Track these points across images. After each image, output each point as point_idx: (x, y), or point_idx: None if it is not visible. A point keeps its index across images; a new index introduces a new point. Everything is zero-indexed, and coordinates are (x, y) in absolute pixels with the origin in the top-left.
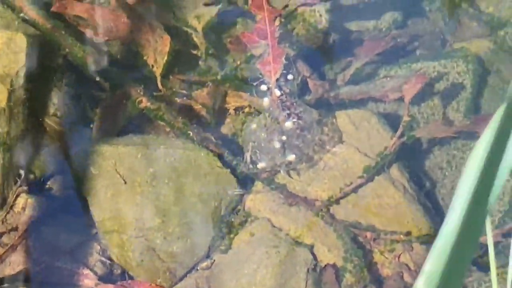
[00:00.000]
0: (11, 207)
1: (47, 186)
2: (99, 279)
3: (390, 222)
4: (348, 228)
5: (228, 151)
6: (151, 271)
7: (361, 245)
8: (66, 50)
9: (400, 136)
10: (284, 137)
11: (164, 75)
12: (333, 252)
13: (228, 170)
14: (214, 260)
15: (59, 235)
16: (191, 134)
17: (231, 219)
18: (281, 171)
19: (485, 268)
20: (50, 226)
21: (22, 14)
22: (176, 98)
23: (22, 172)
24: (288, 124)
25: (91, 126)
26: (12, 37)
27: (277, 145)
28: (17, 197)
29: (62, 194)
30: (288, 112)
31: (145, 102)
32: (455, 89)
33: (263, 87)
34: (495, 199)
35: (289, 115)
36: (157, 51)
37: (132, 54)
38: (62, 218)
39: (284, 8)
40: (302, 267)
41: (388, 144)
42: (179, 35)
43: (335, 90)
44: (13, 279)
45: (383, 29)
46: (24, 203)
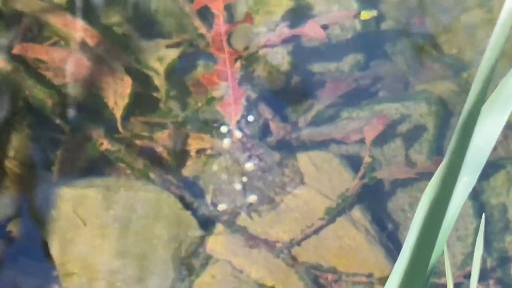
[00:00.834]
0: None
1: (6, 229)
2: None
3: (352, 264)
4: (309, 270)
5: (189, 193)
6: None
7: (322, 287)
8: (26, 92)
9: (362, 178)
10: (245, 179)
11: (125, 117)
12: None
13: (189, 212)
14: None
15: (19, 278)
16: (152, 176)
17: (191, 261)
18: (242, 213)
19: None
20: (10, 269)
21: None
22: (137, 140)
23: None
24: (249, 166)
25: (52, 168)
26: None
27: (238, 186)
28: None
29: (22, 237)
30: (249, 153)
31: (105, 145)
32: (417, 130)
33: (224, 129)
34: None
35: (250, 156)
36: (117, 93)
37: (92, 97)
38: (22, 261)
39: (245, 50)
40: None
41: (349, 186)
42: (140, 77)
43: (297, 132)
44: None
45: (345, 70)
46: None
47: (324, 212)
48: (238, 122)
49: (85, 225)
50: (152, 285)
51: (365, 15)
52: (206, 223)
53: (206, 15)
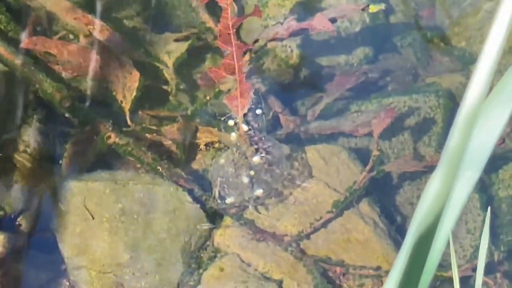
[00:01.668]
0: None
1: (16, 223)
2: None
3: (360, 257)
4: (317, 263)
5: (198, 187)
6: None
7: (330, 280)
8: (36, 86)
9: (370, 171)
10: (252, 172)
11: (133, 111)
12: (303, 287)
13: (198, 205)
14: None
15: (28, 272)
16: (160, 169)
17: (200, 255)
18: (250, 206)
19: None
20: (19, 263)
21: None
22: (146, 134)
23: None
24: (256, 159)
25: (60, 162)
26: None
27: (245, 180)
28: None
29: (31, 230)
30: (256, 147)
31: (113, 138)
32: (426, 123)
33: (231, 122)
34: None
35: (257, 150)
36: (126, 87)
37: (101, 90)
38: (31, 255)
39: (253, 43)
40: None
41: (357, 179)
42: (148, 70)
43: (306, 125)
44: None
45: (354, 64)
46: None
47: (332, 205)
48: (245, 115)
49: (93, 218)
50: (161, 278)
51: (374, 8)
52: (214, 217)
53: (214, 8)
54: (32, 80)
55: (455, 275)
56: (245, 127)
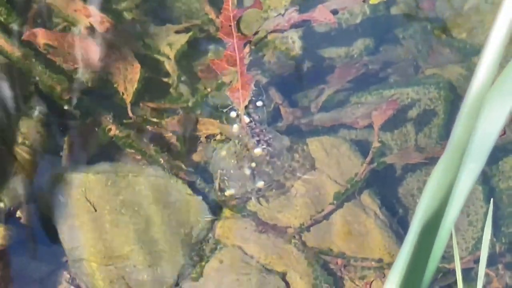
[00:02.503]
0: None
1: (16, 215)
2: None
3: (361, 249)
4: (319, 255)
5: (199, 179)
6: None
7: (332, 272)
8: (36, 78)
9: (371, 163)
10: (254, 164)
11: (135, 103)
12: (304, 279)
13: (199, 197)
14: None
15: (28, 264)
16: (161, 161)
17: (201, 247)
18: (252, 198)
19: None
20: (19, 255)
21: None
22: (147, 126)
23: None
24: (258, 151)
25: (61, 154)
26: None
27: (247, 172)
28: None
29: (31, 222)
30: (257, 139)
31: (114, 130)
32: (427, 115)
33: (233, 114)
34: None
35: (258, 141)
36: (127, 79)
37: (102, 82)
38: (31, 247)
39: (254, 35)
40: None
41: (358, 171)
42: (150, 62)
43: (307, 117)
44: None
45: (355, 56)
46: None
47: (333, 197)
48: (246, 107)
49: (95, 210)
50: (162, 270)
51: (374, 0)
52: (216, 209)
53: (215, 0)
54: (32, 72)
55: (458, 267)
56: (246, 119)
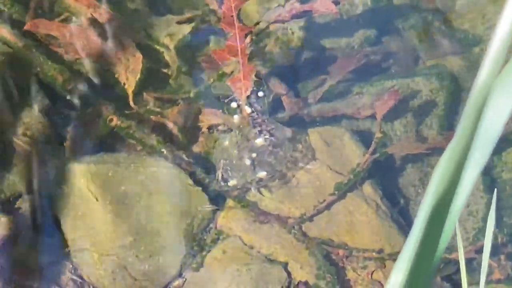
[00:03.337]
0: None
1: (17, 206)
2: None
3: (363, 239)
4: (320, 246)
5: (201, 169)
6: None
7: (333, 262)
8: (38, 68)
9: (373, 153)
10: (255, 154)
11: (137, 93)
12: (305, 269)
13: (200, 188)
14: (186, 279)
15: (31, 255)
16: (163, 152)
17: (203, 237)
18: (252, 189)
19: (459, 285)
20: (21, 245)
21: None
22: (148, 116)
23: None
24: (259, 141)
25: (63, 144)
26: None
27: (248, 162)
28: None
29: (33, 213)
30: (259, 129)
31: (116, 120)
32: (428, 106)
33: (234, 105)
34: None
35: (260, 132)
36: (129, 69)
37: (103, 73)
38: (33, 237)
39: (255, 25)
40: (276, 285)
41: (360, 161)
42: (151, 53)
43: (309, 107)
44: None
45: (356, 46)
46: None
47: (335, 188)
48: (248, 97)
49: (97, 200)
50: (164, 260)
51: None
52: (217, 199)
53: None
54: (34, 63)
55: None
56: (248, 109)
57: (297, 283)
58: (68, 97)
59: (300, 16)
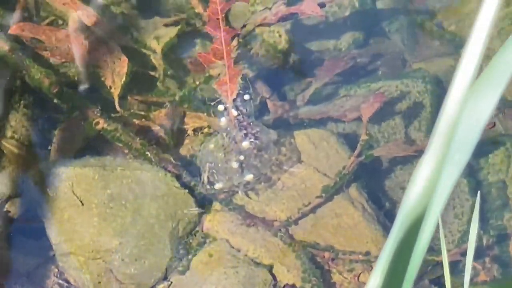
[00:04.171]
0: None
1: (4, 209)
2: None
3: (349, 242)
4: (306, 249)
5: (186, 172)
6: None
7: (320, 265)
8: (23, 72)
9: (358, 156)
10: (242, 157)
11: (122, 96)
12: (292, 272)
13: (186, 191)
14: (172, 282)
15: (16, 258)
16: (149, 155)
17: (189, 240)
18: (239, 192)
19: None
20: (7, 249)
21: None
22: (134, 119)
23: None
24: (245, 144)
25: (49, 148)
26: None
27: (235, 165)
28: None
29: (18, 216)
30: (245, 132)
31: (102, 124)
32: (416, 108)
33: (220, 107)
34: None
35: (246, 135)
36: (115, 72)
37: (89, 76)
38: (19, 241)
39: (241, 28)
40: None
41: (346, 164)
42: (137, 56)
43: (295, 110)
44: None
45: (343, 49)
46: None
47: (321, 190)
48: (234, 100)
49: (82, 204)
50: (150, 264)
51: None
52: (203, 202)
53: None
54: (19, 66)
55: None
56: (234, 112)
57: (283, 286)
58: (55, 101)
59: (286, 18)
